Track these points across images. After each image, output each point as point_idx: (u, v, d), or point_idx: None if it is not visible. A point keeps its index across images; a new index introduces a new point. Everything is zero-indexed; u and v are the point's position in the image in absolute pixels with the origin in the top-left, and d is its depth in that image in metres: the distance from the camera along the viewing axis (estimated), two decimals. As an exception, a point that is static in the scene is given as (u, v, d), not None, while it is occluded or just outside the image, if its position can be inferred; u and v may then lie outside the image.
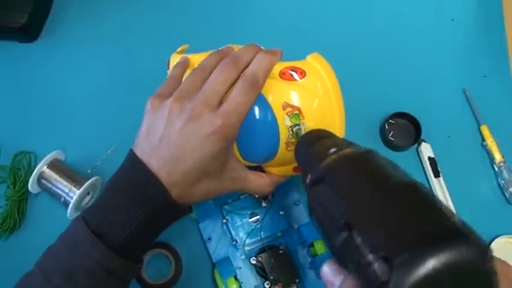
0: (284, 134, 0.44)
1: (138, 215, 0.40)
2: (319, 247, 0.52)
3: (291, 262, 0.53)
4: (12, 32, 0.64)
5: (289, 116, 0.43)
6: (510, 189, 0.60)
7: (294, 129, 0.44)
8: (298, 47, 0.68)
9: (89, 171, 0.58)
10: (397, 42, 0.69)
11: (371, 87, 0.66)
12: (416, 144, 0.62)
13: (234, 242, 0.53)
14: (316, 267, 0.52)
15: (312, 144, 0.38)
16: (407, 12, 0.71)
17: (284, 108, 0.43)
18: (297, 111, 0.43)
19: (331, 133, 0.40)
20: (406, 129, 0.62)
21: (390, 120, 0.62)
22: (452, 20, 0.71)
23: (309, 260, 0.53)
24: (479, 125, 0.64)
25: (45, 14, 0.67)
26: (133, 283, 0.52)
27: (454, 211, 0.58)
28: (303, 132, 0.44)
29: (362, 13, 0.71)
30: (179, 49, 0.51)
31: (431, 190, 0.60)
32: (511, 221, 0.60)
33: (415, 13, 0.71)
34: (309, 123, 0.44)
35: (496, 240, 0.57)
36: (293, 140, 0.44)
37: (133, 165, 0.41)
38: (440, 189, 0.60)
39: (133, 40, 0.67)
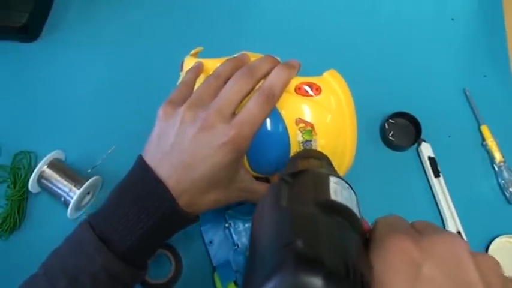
0: (295, 148, 0.44)
1: (145, 222, 0.40)
2: None
3: None
4: (12, 32, 0.64)
5: (301, 131, 0.44)
6: (510, 189, 0.59)
7: (305, 144, 0.44)
8: (299, 47, 0.68)
9: (89, 171, 0.58)
10: (397, 42, 0.69)
11: (371, 87, 0.66)
12: (416, 144, 0.62)
13: (236, 247, 0.53)
14: None
15: (301, 156, 0.37)
16: (407, 11, 0.71)
17: (297, 124, 0.44)
18: (309, 128, 0.43)
19: (325, 157, 0.38)
20: (406, 129, 0.62)
21: (390, 120, 0.62)
22: (453, 19, 0.71)
23: None
24: (479, 125, 0.64)
25: (45, 14, 0.67)
26: (134, 283, 0.53)
27: (454, 211, 0.58)
28: (314, 148, 0.44)
29: (362, 13, 0.71)
30: (193, 51, 0.50)
31: (432, 190, 0.60)
32: (511, 221, 0.59)
33: (415, 12, 0.71)
34: (321, 140, 0.44)
35: (496, 240, 0.57)
36: None
37: (142, 172, 0.41)
38: (440, 189, 0.59)
39: (133, 40, 0.67)
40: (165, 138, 0.41)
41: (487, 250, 0.57)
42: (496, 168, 0.61)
